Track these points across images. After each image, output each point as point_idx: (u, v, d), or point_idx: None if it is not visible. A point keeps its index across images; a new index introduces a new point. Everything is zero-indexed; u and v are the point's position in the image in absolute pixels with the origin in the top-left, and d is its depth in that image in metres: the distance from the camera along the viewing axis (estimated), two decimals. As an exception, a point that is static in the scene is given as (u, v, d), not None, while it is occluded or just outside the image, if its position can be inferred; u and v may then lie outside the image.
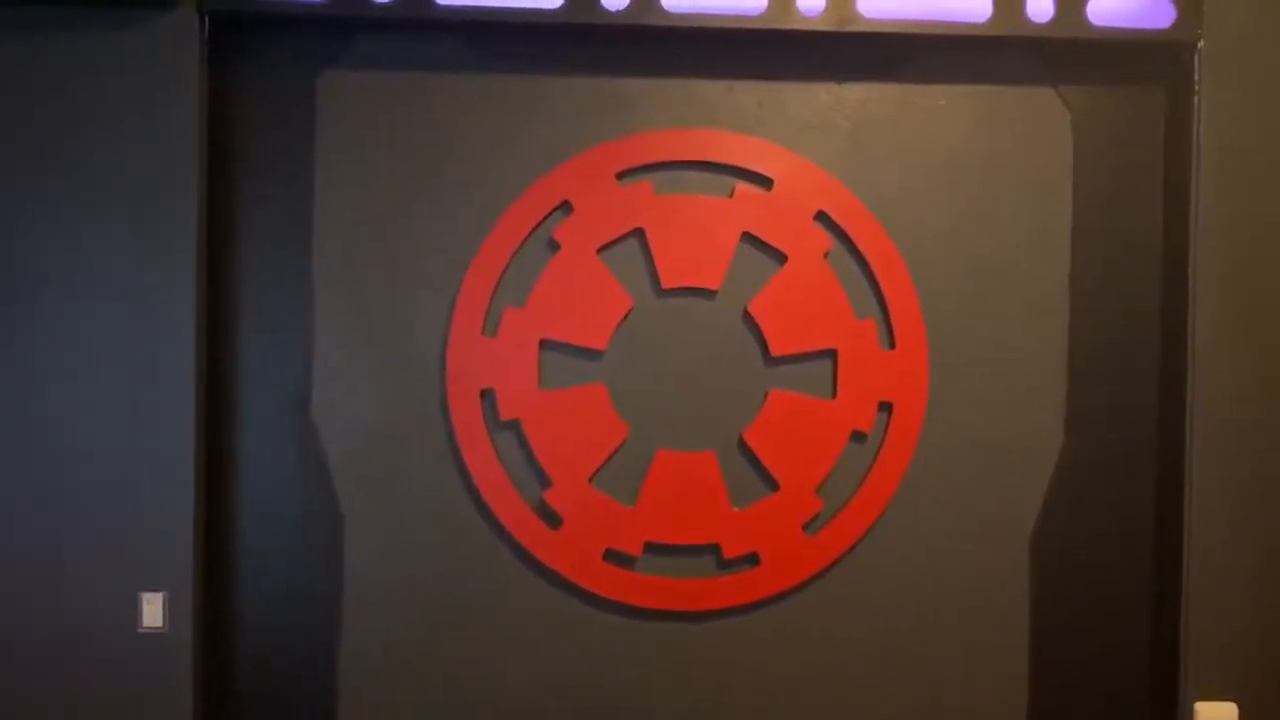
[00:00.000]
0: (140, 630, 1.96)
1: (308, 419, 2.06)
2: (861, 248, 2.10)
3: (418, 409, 2.08)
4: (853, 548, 2.09)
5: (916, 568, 2.11)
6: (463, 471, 2.08)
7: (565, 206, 2.08)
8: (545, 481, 2.08)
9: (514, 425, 2.08)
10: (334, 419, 2.07)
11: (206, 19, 1.99)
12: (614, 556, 2.09)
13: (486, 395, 2.08)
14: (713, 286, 2.09)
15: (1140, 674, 2.14)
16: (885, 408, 2.10)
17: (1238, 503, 2.05)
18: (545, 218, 2.08)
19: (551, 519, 2.08)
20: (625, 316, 2.08)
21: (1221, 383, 2.05)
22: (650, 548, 2.09)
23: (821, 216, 2.09)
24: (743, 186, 2.09)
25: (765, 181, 2.09)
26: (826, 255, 2.09)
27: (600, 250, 2.09)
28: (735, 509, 2.09)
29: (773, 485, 2.09)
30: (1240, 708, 2.03)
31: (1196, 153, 2.05)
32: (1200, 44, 2.04)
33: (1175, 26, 2.03)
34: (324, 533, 2.07)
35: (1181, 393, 2.07)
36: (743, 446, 2.09)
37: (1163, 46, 2.07)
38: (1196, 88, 2.05)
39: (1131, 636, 2.14)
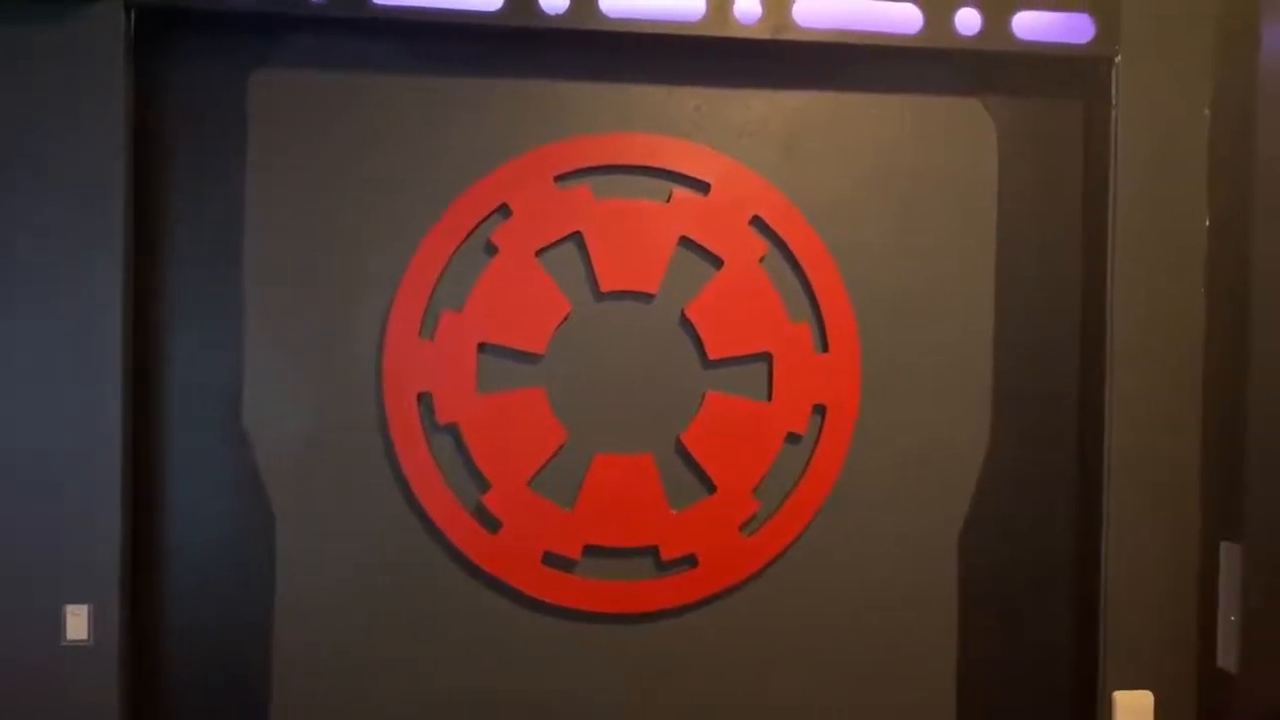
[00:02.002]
0: (64, 644, 1.89)
1: (239, 424, 2.02)
2: (796, 252, 2.13)
3: (353, 413, 2.05)
4: (788, 548, 2.13)
5: (849, 567, 2.16)
6: (399, 476, 2.06)
7: (503, 209, 2.08)
8: (483, 485, 2.07)
9: (452, 429, 2.07)
10: (266, 424, 2.03)
11: (133, 13, 1.93)
12: (553, 560, 2.09)
13: (424, 399, 2.06)
14: (651, 290, 2.10)
15: (1062, 665, 2.22)
16: (819, 410, 2.14)
17: (1153, 501, 2.14)
18: (483, 220, 2.07)
19: (490, 523, 2.07)
20: (564, 320, 2.09)
21: (1138, 387, 2.13)
22: (589, 550, 2.10)
23: (757, 221, 2.13)
24: (680, 191, 2.11)
25: (702, 186, 2.11)
26: (762, 260, 2.12)
27: (539, 253, 2.08)
28: (673, 511, 2.11)
29: (710, 487, 2.11)
30: (1156, 696, 2.13)
31: (1114, 165, 2.13)
32: (1117, 59, 2.13)
33: (1094, 42, 2.12)
34: (256, 542, 2.03)
35: (1100, 396, 2.15)
36: (680, 449, 2.11)
37: (1082, 61, 2.15)
38: (1114, 102, 2.14)
39: (1054, 630, 2.21)
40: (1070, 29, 2.11)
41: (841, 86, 2.16)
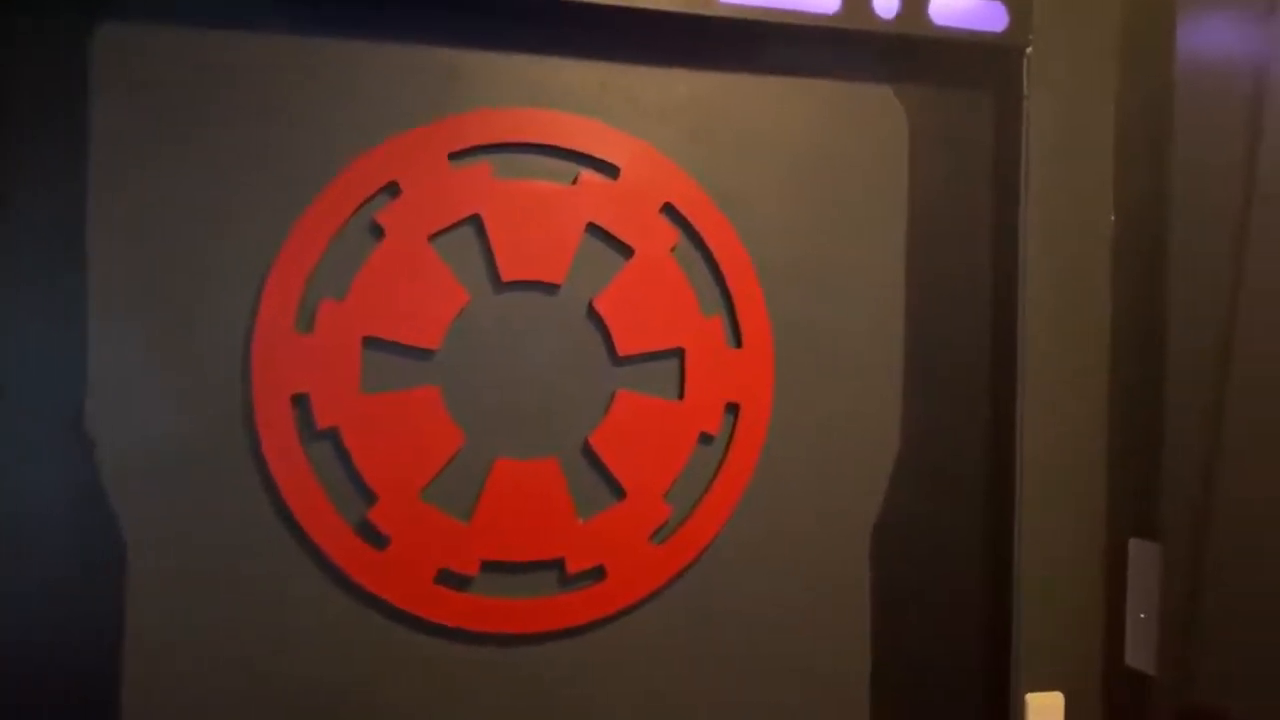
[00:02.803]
0: None
1: (81, 431, 1.74)
2: (708, 242, 2.01)
3: (217, 418, 1.80)
4: (700, 555, 2.00)
5: (761, 572, 2.04)
6: (271, 489, 1.82)
7: (391, 188, 1.86)
8: (369, 497, 1.86)
9: (332, 434, 1.85)
10: (113, 431, 1.76)
11: (-52, -54, 1.64)
12: (448, 578, 1.89)
13: (299, 401, 1.83)
14: (556, 280, 1.93)
15: (975, 667, 2.17)
16: (732, 408, 2.02)
17: (1065, 498, 2.12)
18: (368, 200, 1.86)
19: (376, 539, 1.86)
20: (460, 312, 1.89)
21: (1049, 383, 2.10)
22: (488, 566, 1.91)
23: (668, 209, 1.99)
24: (587, 174, 1.95)
25: (611, 170, 1.96)
26: (673, 250, 1.99)
27: (432, 238, 1.88)
28: (580, 520, 1.94)
29: (619, 493, 1.96)
30: (1066, 697, 2.11)
31: (1025, 158, 2.10)
32: (1029, 50, 2.10)
33: (1008, 31, 2.08)
34: (102, 567, 1.75)
35: (1011, 391, 2.11)
36: (588, 452, 1.95)
37: (995, 50, 2.11)
38: (1025, 93, 2.11)
39: (967, 630, 2.17)
40: (985, 17, 2.06)
41: (755, 69, 2.05)
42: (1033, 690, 2.10)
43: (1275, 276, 1.66)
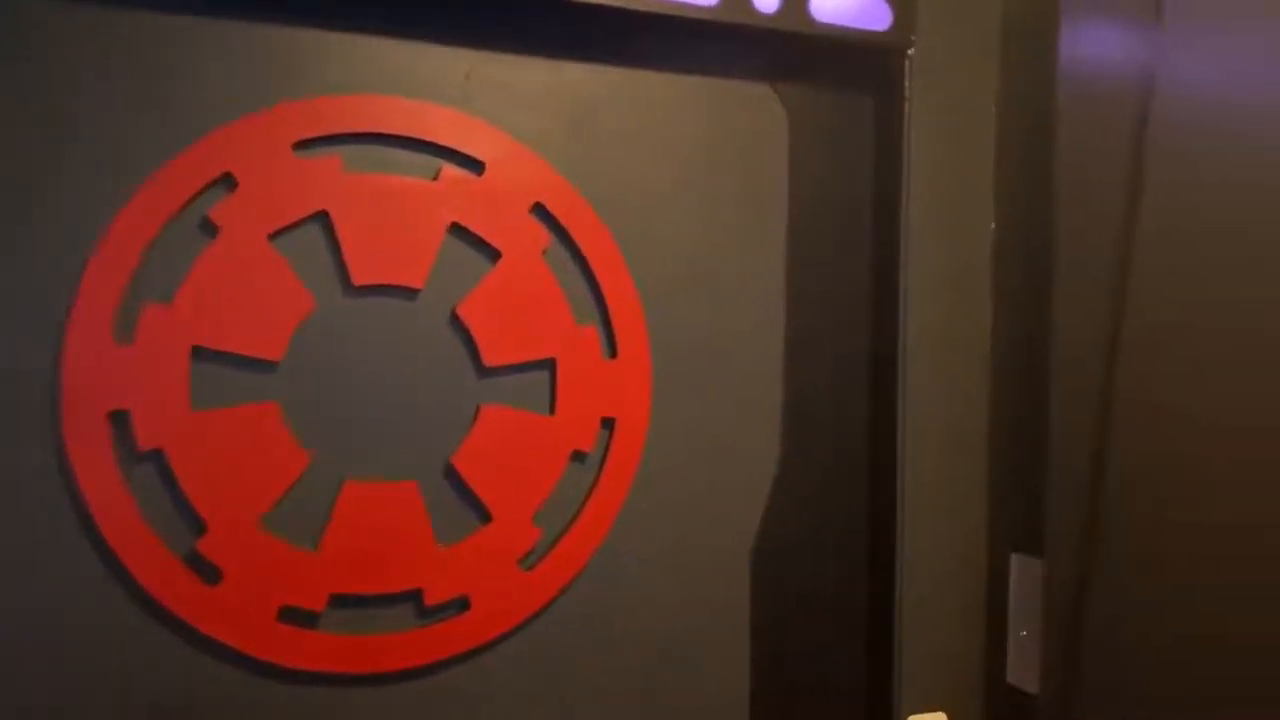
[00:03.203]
0: None
1: None
2: (581, 245, 1.87)
3: (21, 441, 1.57)
4: (573, 581, 1.86)
5: (637, 598, 1.91)
6: (85, 519, 1.59)
7: (226, 180, 1.66)
8: (199, 527, 1.65)
9: (156, 457, 1.63)
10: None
11: None
12: (292, 614, 1.70)
13: (119, 419, 1.61)
14: (415, 285, 1.76)
15: (856, 688, 2.09)
16: (607, 423, 1.89)
17: (948, 514, 2.06)
18: (199, 193, 1.65)
19: (208, 573, 1.65)
20: (305, 319, 1.70)
21: (930, 397, 2.05)
22: (337, 600, 1.72)
23: (539, 209, 1.84)
24: (450, 169, 1.78)
25: (476, 165, 1.80)
26: (544, 252, 1.84)
27: (273, 236, 1.69)
28: (440, 546, 1.78)
29: (484, 516, 1.80)
30: (948, 716, 2.05)
31: (906, 163, 2.03)
32: (911, 51, 2.03)
33: (890, 31, 2.01)
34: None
35: (892, 405, 2.04)
36: (450, 473, 1.78)
37: (877, 50, 2.04)
38: (907, 95, 2.04)
39: (848, 651, 2.09)
40: (868, 15, 1.98)
41: (633, 62, 1.92)
42: (914, 711, 2.03)
43: (1160, 286, 1.63)
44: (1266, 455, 1.45)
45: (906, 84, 2.03)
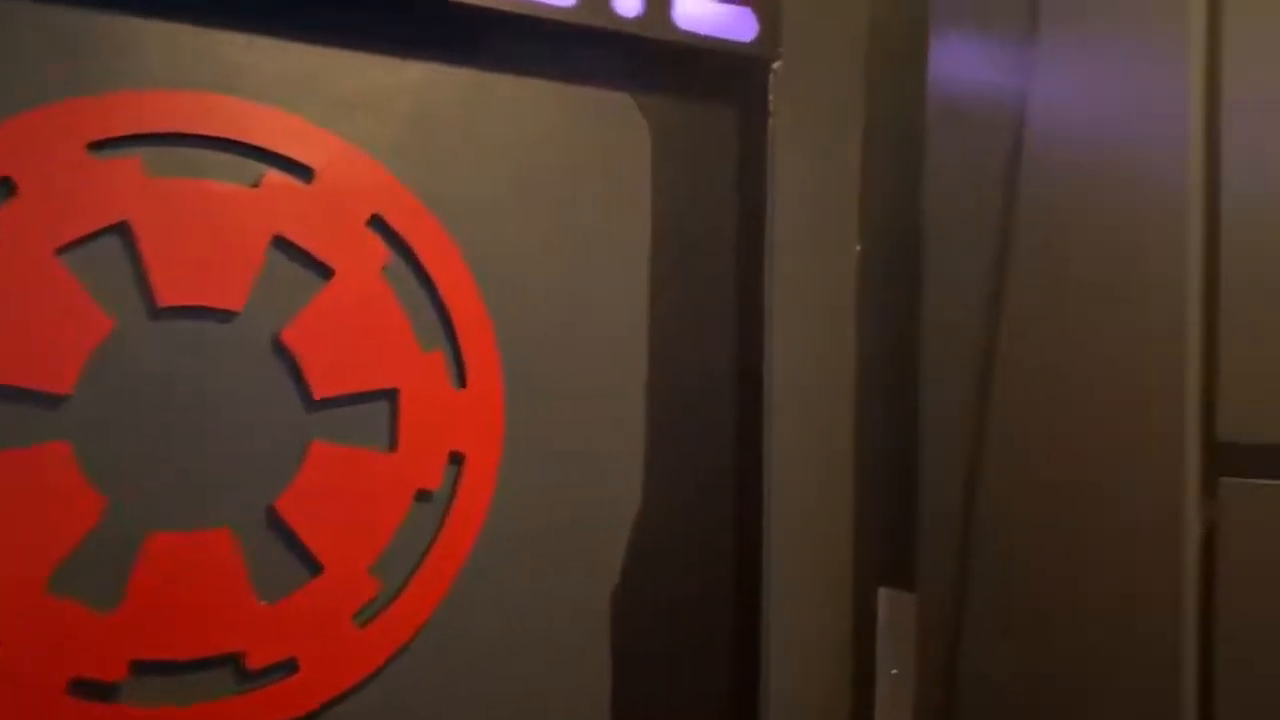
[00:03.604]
0: None
1: None
2: (427, 263, 1.70)
3: None
4: (415, 636, 1.68)
5: (487, 650, 1.74)
6: None
7: (5, 185, 1.42)
8: (-31, 589, 1.41)
9: (-86, 508, 1.39)
10: None
11: None
12: (85, 687, 1.45)
13: None
14: (233, 307, 1.55)
15: (722, 735, 1.99)
16: (455, 459, 1.72)
17: (816, 550, 1.98)
18: (-31, 199, 1.42)
19: (-20, 643, 1.42)
20: (100, 345, 1.47)
21: (797, 430, 1.96)
22: (141, 667, 1.49)
23: (377, 222, 1.66)
24: (274, 175, 1.58)
25: (304, 172, 1.60)
26: (384, 270, 1.66)
27: (62, 250, 1.45)
28: (263, 603, 1.57)
29: (314, 567, 1.60)
30: (817, 760, 1.97)
31: (771, 182, 1.94)
32: (776, 65, 1.95)
33: (756, 42, 1.92)
34: None
35: (759, 432, 1.94)
36: (274, 519, 1.58)
37: (742, 62, 1.94)
38: (771, 110, 1.95)
39: (712, 693, 1.96)
40: (733, 25, 1.89)
41: (480, 63, 1.77)
42: (782, 756, 1.94)
43: (1032, 312, 1.58)
44: (1139, 480, 1.41)
45: (771, 98, 1.95)
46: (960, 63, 1.74)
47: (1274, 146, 1.28)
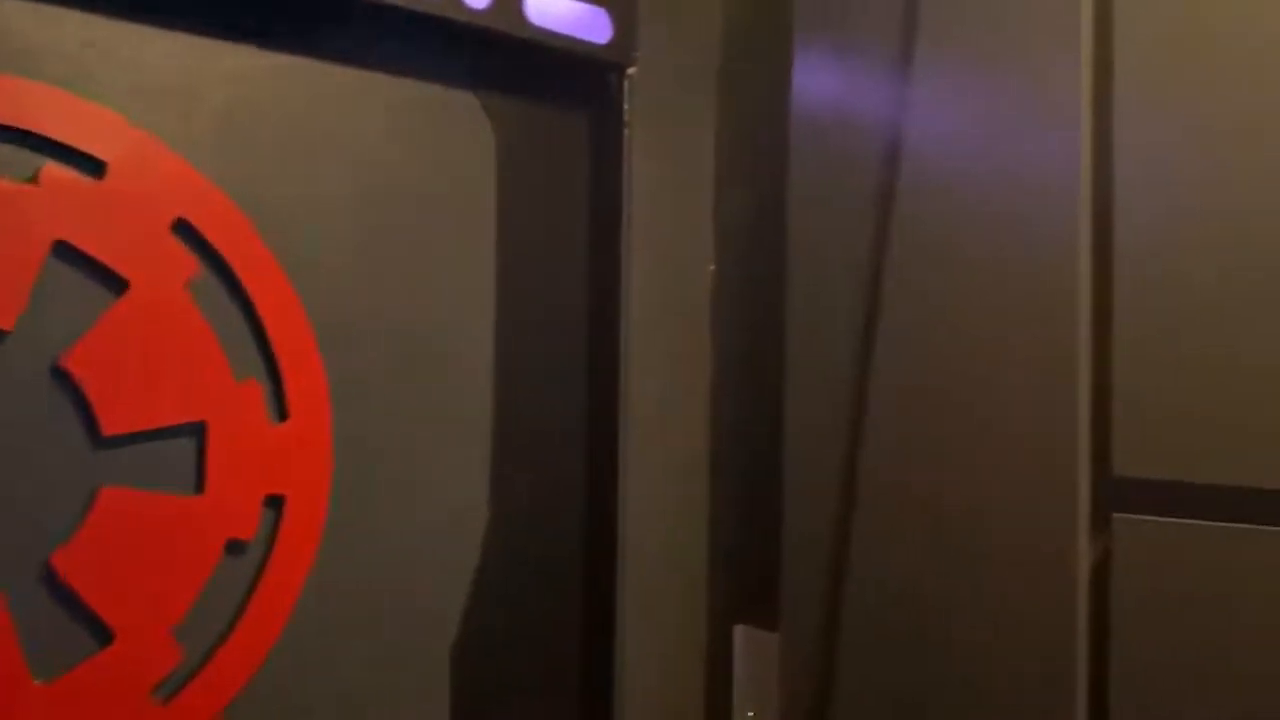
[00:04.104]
0: None
1: None
2: (241, 276, 1.47)
3: None
4: (229, 708, 1.45)
5: (317, 716, 1.54)
6: None
7: None
8: None
9: None
10: None
11: None
12: None
13: None
14: (1, 325, 1.29)
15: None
16: (274, 503, 1.50)
17: (668, 593, 1.87)
18: None
19: None
20: None
21: (651, 453, 1.84)
22: None
23: (182, 227, 1.42)
24: (56, 169, 1.32)
25: (94, 166, 1.34)
26: (189, 285, 1.42)
27: None
28: (39, 682, 1.30)
29: (103, 635, 1.35)
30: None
31: (627, 195, 1.82)
32: (632, 70, 1.82)
33: (611, 45, 1.79)
34: None
35: (612, 467, 1.81)
36: (51, 579, 1.31)
37: (596, 65, 1.81)
38: (627, 119, 1.83)
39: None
40: (588, 25, 1.75)
41: (307, 49, 1.55)
42: (636, 808, 1.82)
43: (908, 338, 1.51)
44: (1030, 516, 1.36)
45: (626, 106, 1.83)
46: (827, 77, 1.66)
47: (1168, 175, 1.26)
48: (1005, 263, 1.38)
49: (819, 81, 1.68)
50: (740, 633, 1.85)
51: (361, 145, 1.61)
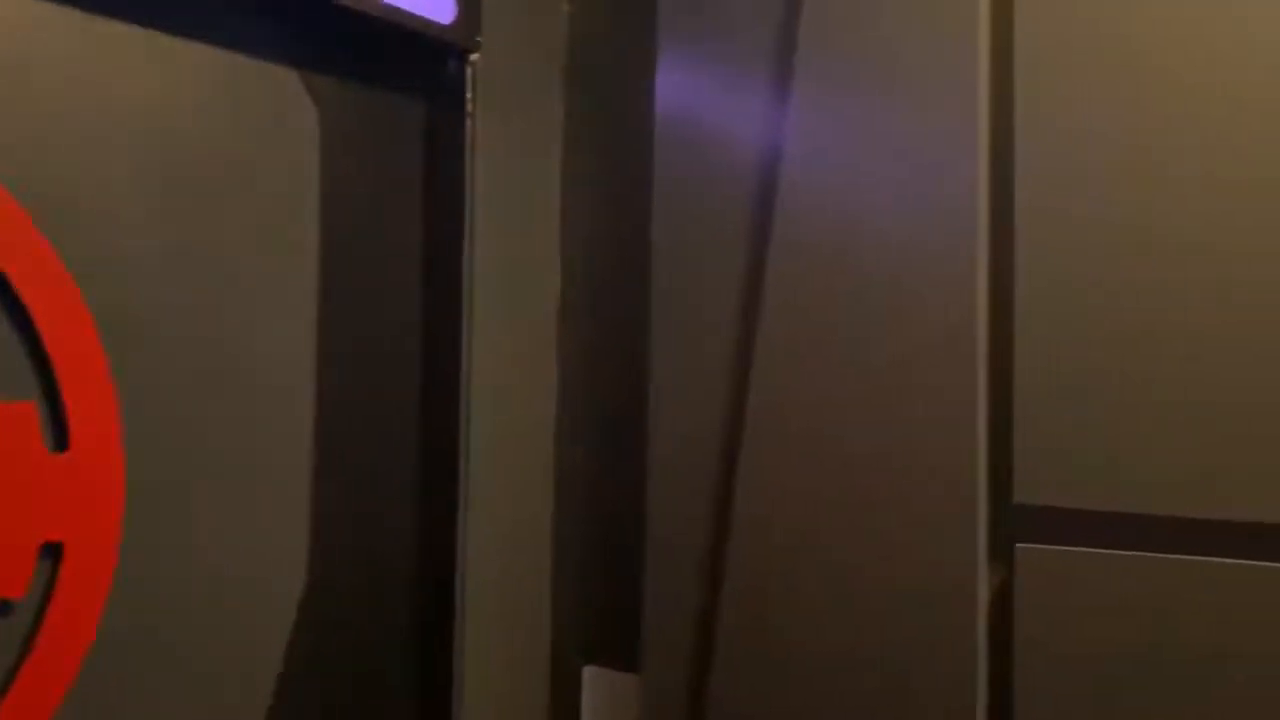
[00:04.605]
0: None
1: None
2: (11, 277, 1.20)
3: None
4: (-12, 808, 1.18)
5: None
6: None
7: None
8: None
9: None
10: None
11: None
12: None
13: None
14: None
15: None
16: (50, 551, 1.23)
17: (511, 635, 1.70)
18: None
19: None
20: None
21: (491, 483, 1.67)
22: None
23: (-65, 217, 1.15)
24: None
25: None
26: (-51, 286, 1.15)
27: None
28: None
29: None
30: None
31: (470, 195, 1.64)
32: (475, 56, 1.65)
33: (454, 26, 1.61)
34: None
35: (452, 501, 1.63)
36: None
37: (435, 47, 1.62)
38: (470, 109, 1.65)
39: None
40: (430, 2, 1.57)
41: (100, 6, 1.30)
42: None
43: (787, 363, 1.42)
44: (926, 546, 1.30)
45: (469, 95, 1.65)
46: (695, 79, 1.55)
47: (1068, 198, 1.22)
48: (899, 285, 1.31)
49: (685, 83, 1.56)
50: (589, 674, 1.71)
51: (160, 123, 1.35)
